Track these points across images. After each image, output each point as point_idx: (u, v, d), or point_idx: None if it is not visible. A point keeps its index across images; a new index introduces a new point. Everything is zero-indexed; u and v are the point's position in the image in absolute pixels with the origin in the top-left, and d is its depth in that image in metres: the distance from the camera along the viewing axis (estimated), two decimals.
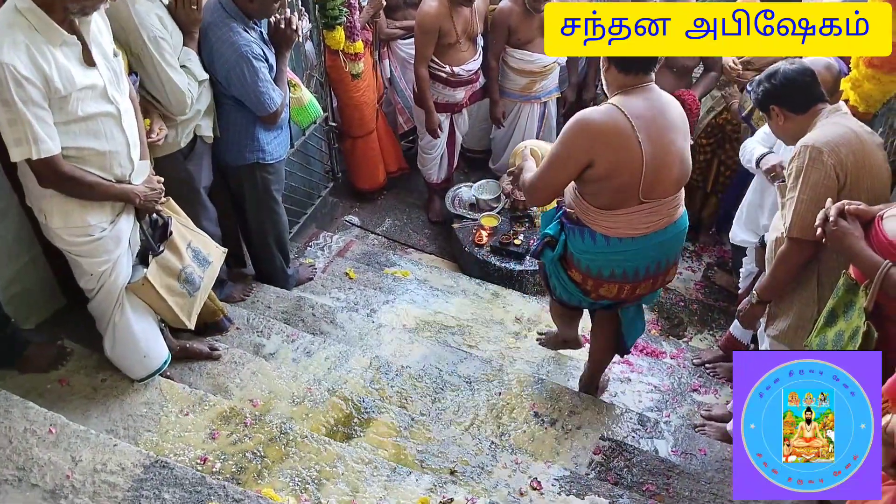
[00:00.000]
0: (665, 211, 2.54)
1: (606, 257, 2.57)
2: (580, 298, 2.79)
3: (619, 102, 2.41)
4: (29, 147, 2.06)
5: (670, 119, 2.47)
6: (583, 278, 2.67)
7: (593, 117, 2.41)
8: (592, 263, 2.61)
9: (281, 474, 2.48)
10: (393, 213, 5.02)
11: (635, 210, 2.49)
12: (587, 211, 2.54)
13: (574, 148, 2.42)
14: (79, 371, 2.76)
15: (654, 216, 2.52)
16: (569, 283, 2.73)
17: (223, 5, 2.89)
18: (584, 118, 2.41)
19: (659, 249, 2.59)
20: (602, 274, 2.62)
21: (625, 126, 2.37)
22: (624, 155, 2.38)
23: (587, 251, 2.59)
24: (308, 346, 3.25)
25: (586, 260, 2.61)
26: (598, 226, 2.53)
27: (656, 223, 2.53)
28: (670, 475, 2.80)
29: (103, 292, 2.49)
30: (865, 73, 2.87)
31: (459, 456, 2.72)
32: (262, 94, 2.97)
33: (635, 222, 2.51)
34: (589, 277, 2.65)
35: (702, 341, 4.02)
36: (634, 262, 2.58)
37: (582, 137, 2.41)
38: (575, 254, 2.64)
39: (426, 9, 4.09)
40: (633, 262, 2.58)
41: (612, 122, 2.38)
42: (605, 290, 2.67)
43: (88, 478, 2.27)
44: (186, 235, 2.70)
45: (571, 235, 2.62)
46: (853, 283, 2.12)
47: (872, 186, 2.32)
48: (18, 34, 1.99)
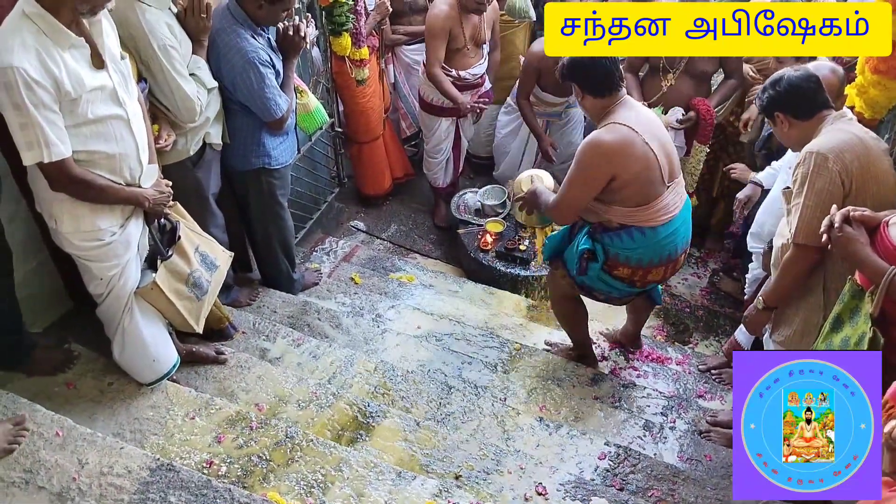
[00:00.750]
0: (680, 189, 2.89)
1: (656, 246, 2.85)
2: (628, 291, 3.07)
3: (616, 118, 2.70)
4: (41, 151, 2.07)
5: (651, 117, 2.83)
6: (632, 272, 2.93)
7: (604, 138, 2.68)
8: (644, 255, 2.87)
9: (286, 478, 2.49)
10: (398, 219, 5.03)
11: (667, 193, 2.80)
12: (627, 214, 2.79)
13: (595, 169, 2.71)
14: (86, 374, 2.77)
15: (676, 196, 2.86)
16: (615, 283, 2.98)
17: (231, 12, 2.91)
18: (596, 142, 2.69)
19: (685, 225, 2.95)
20: (652, 262, 2.89)
21: (631, 135, 2.67)
22: (642, 158, 2.68)
23: (637, 247, 2.85)
24: (314, 351, 3.25)
25: (637, 255, 2.87)
26: (642, 221, 2.80)
27: (679, 202, 2.88)
28: (676, 481, 2.79)
29: (112, 297, 2.50)
30: (871, 79, 2.87)
31: (464, 461, 2.72)
32: (268, 100, 2.99)
33: (670, 205, 2.82)
34: (639, 269, 2.91)
35: (707, 347, 4.01)
36: (674, 243, 2.90)
37: (600, 159, 2.69)
38: (622, 253, 2.88)
39: (436, 12, 4.10)
40: (674, 243, 2.90)
41: (620, 137, 2.67)
42: (652, 275, 2.97)
43: (95, 480, 2.28)
44: (194, 239, 2.71)
45: (616, 240, 2.86)
46: (859, 289, 2.12)
47: (878, 192, 2.31)
48: (28, 38, 2.00)
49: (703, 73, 3.95)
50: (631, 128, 2.67)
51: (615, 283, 2.99)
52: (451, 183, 4.92)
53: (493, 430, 2.97)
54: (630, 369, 3.64)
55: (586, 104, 2.81)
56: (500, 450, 2.80)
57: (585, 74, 2.72)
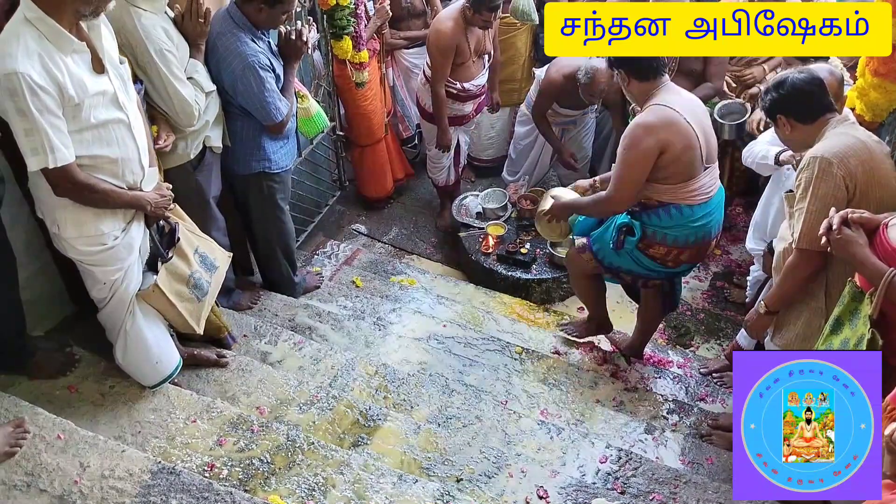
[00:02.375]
0: (715, 174, 3.01)
1: (692, 225, 2.95)
2: (658, 271, 3.15)
3: (658, 101, 2.83)
4: (45, 156, 2.07)
5: (694, 102, 2.96)
6: (667, 251, 3.03)
7: (648, 118, 2.81)
8: (680, 235, 2.97)
9: (287, 481, 2.49)
10: (400, 222, 5.04)
11: (703, 175, 2.91)
12: (668, 191, 2.90)
13: (644, 147, 2.79)
14: (87, 377, 2.78)
15: (712, 178, 2.98)
16: (647, 261, 3.08)
17: (231, 15, 2.92)
18: (641, 122, 2.82)
19: (719, 210, 3.05)
20: (687, 241, 2.99)
21: (673, 114, 2.79)
22: (684, 134, 2.79)
23: (675, 225, 2.95)
24: (315, 354, 3.26)
25: (673, 234, 2.97)
26: (681, 199, 2.91)
27: (715, 184, 2.99)
28: (677, 484, 2.79)
29: (115, 300, 2.51)
30: (872, 82, 2.88)
31: (466, 464, 2.72)
32: (268, 104, 2.99)
33: (706, 186, 2.93)
34: (674, 248, 3.01)
35: (709, 351, 4.01)
36: (710, 224, 3.00)
37: (647, 135, 2.78)
38: (659, 231, 2.98)
39: (443, 29, 4.09)
40: (709, 225, 3.00)
41: (664, 115, 2.79)
42: (685, 255, 3.05)
43: (96, 483, 2.28)
44: (193, 241, 2.72)
45: (654, 218, 2.97)
46: (858, 291, 2.12)
47: (881, 196, 2.30)
48: (31, 43, 2.00)
49: (693, 72, 3.95)
50: (673, 108, 2.79)
51: (646, 262, 3.08)
52: (455, 181, 4.92)
53: (495, 434, 2.97)
54: (631, 372, 3.63)
55: (632, 89, 2.93)
56: (502, 453, 2.79)
57: (632, 60, 2.82)
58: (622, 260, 3.13)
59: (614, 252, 3.10)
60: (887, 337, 2.02)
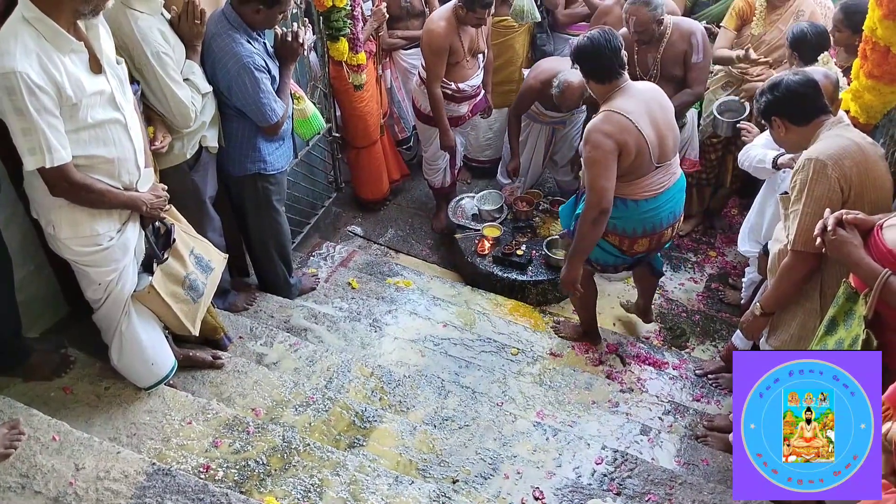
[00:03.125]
0: (671, 171, 3.16)
1: (638, 217, 3.14)
2: (621, 258, 3.35)
3: (611, 107, 2.95)
4: (43, 156, 2.06)
5: (655, 103, 3.05)
6: (619, 240, 3.23)
7: (603, 125, 2.93)
8: (628, 225, 3.16)
9: (283, 483, 2.49)
10: (395, 224, 5.04)
11: (653, 174, 3.08)
12: (619, 187, 3.03)
13: (605, 147, 2.91)
14: (82, 379, 2.77)
15: (664, 177, 3.13)
16: (609, 247, 3.28)
17: (227, 17, 2.92)
18: (597, 127, 2.94)
19: (672, 203, 3.20)
20: (636, 232, 3.18)
21: (624, 121, 2.92)
22: (634, 139, 2.92)
23: (622, 217, 3.12)
24: (310, 356, 3.25)
25: (622, 224, 3.16)
26: (626, 195, 3.07)
27: (667, 182, 3.14)
28: (673, 485, 2.79)
29: (110, 301, 2.50)
30: (866, 84, 2.88)
31: (462, 465, 2.72)
32: (263, 106, 2.99)
33: (654, 184, 3.10)
34: (626, 238, 3.21)
35: (704, 352, 4.02)
36: (658, 217, 3.17)
37: (606, 138, 2.91)
38: (610, 221, 3.09)
39: (436, 29, 4.09)
40: (657, 217, 3.17)
41: (615, 121, 2.92)
42: (638, 245, 3.25)
43: (91, 485, 2.28)
44: (189, 242, 2.71)
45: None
46: (853, 292, 2.13)
47: (876, 198, 2.32)
48: (29, 42, 2.00)
49: (674, 77, 3.97)
50: (624, 115, 2.91)
51: (609, 248, 3.28)
52: (451, 183, 4.93)
53: (490, 435, 2.97)
54: (627, 374, 3.64)
55: (591, 88, 3.08)
56: (497, 454, 2.80)
57: (588, 62, 2.98)
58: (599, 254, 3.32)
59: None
60: (882, 337, 2.03)
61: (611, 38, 2.92)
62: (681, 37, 3.86)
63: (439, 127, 4.42)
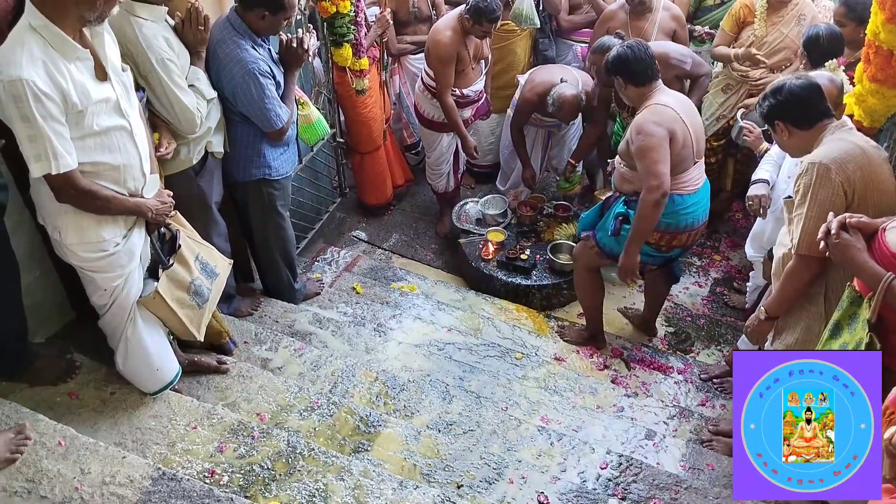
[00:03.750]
0: (703, 168, 3.31)
1: (681, 212, 3.24)
2: (652, 257, 3.42)
3: (655, 101, 3.14)
4: (49, 162, 2.08)
5: (686, 101, 3.28)
6: (660, 236, 3.30)
7: (652, 116, 3.10)
8: (671, 221, 3.25)
9: (288, 487, 2.49)
10: (400, 229, 5.04)
11: (694, 168, 3.23)
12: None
13: (658, 134, 3.07)
14: (88, 384, 2.78)
15: (700, 172, 3.29)
16: (644, 247, 3.31)
17: (231, 23, 2.93)
18: (646, 118, 3.11)
19: (705, 200, 3.34)
20: (678, 227, 3.27)
21: (671, 112, 3.11)
22: (680, 128, 3.09)
23: (667, 213, 3.19)
24: (315, 360, 3.26)
25: (665, 220, 3.23)
26: (674, 189, 3.17)
27: (701, 179, 3.29)
28: (678, 490, 2.79)
29: (116, 307, 2.51)
30: (869, 88, 2.88)
31: (466, 470, 2.72)
32: (268, 111, 3.01)
33: (694, 178, 3.25)
34: (666, 233, 3.29)
35: (709, 356, 4.01)
36: (696, 213, 3.29)
37: (657, 126, 3.07)
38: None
39: (443, 39, 4.10)
40: (696, 213, 3.29)
41: (664, 112, 3.10)
42: (677, 241, 3.34)
43: (97, 490, 2.29)
44: (194, 248, 2.72)
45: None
46: (857, 296, 2.12)
47: (879, 202, 2.31)
48: (35, 50, 2.01)
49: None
50: (669, 107, 3.11)
51: (644, 248, 3.32)
52: (455, 188, 4.94)
53: (495, 440, 2.97)
54: (632, 378, 3.64)
55: (629, 93, 3.23)
56: (502, 459, 2.79)
57: (628, 69, 3.16)
58: (622, 248, 3.33)
59: (614, 239, 3.36)
60: (885, 341, 2.02)
61: (644, 46, 3.19)
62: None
63: (457, 133, 4.44)
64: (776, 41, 4.13)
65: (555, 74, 4.25)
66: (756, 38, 4.16)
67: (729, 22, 4.27)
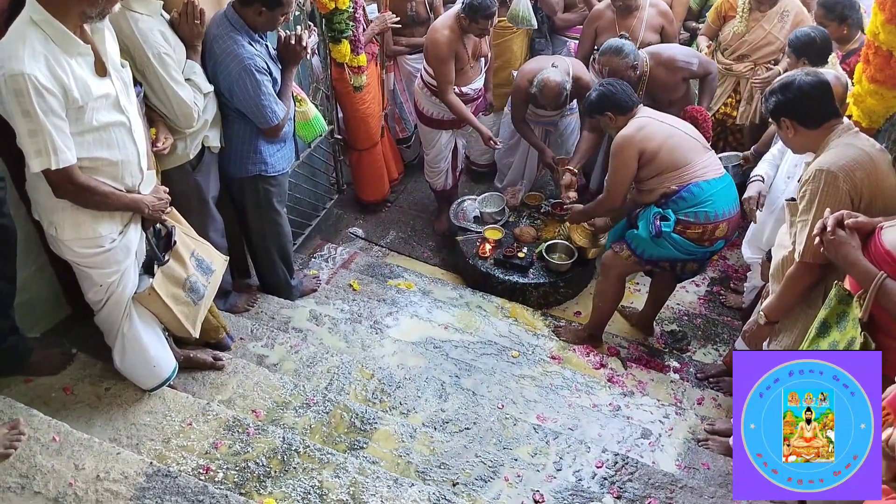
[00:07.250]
0: (709, 163, 3.36)
1: (716, 197, 3.28)
2: (696, 252, 3.41)
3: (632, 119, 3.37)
4: (48, 157, 2.07)
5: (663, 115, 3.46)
6: (703, 229, 3.31)
7: (626, 130, 3.34)
8: (710, 207, 3.28)
9: (283, 484, 2.49)
10: (397, 226, 5.04)
11: (701, 158, 3.33)
12: (672, 178, 3.31)
13: (625, 155, 3.31)
14: (83, 379, 2.77)
15: (714, 162, 3.38)
16: (686, 244, 3.35)
17: (229, 18, 2.92)
18: (621, 134, 3.34)
19: (732, 187, 3.40)
20: (717, 215, 3.29)
21: (645, 120, 3.34)
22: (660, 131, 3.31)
23: (702, 200, 3.27)
24: (311, 357, 3.25)
25: (703, 210, 3.28)
26: (692, 178, 3.28)
27: (713, 171, 3.34)
28: (673, 489, 2.79)
29: (111, 303, 2.50)
30: (868, 88, 2.88)
31: (462, 468, 2.72)
32: (264, 108, 3.00)
33: (709, 166, 3.33)
34: (708, 223, 3.30)
35: (706, 356, 4.01)
36: (729, 197, 3.34)
37: (627, 146, 3.30)
38: (691, 212, 3.29)
39: (440, 38, 4.09)
40: (729, 197, 3.34)
41: (636, 123, 3.34)
42: (719, 230, 3.34)
43: (91, 486, 2.28)
44: (190, 244, 2.71)
45: (681, 202, 3.30)
46: (846, 294, 2.11)
47: (885, 207, 2.27)
48: (37, 45, 2.00)
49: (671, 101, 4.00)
50: (646, 116, 3.35)
51: (687, 245, 3.35)
52: (453, 185, 4.93)
53: (491, 438, 2.96)
54: (628, 377, 3.64)
55: (618, 123, 3.41)
56: (497, 457, 2.79)
57: (612, 104, 3.39)
58: (663, 249, 3.37)
59: (654, 243, 3.37)
60: (876, 340, 2.01)
61: (618, 82, 3.47)
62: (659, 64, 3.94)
63: (471, 125, 4.40)
64: (757, 38, 4.15)
65: (544, 63, 4.24)
66: (735, 35, 4.18)
67: (713, 14, 4.32)
